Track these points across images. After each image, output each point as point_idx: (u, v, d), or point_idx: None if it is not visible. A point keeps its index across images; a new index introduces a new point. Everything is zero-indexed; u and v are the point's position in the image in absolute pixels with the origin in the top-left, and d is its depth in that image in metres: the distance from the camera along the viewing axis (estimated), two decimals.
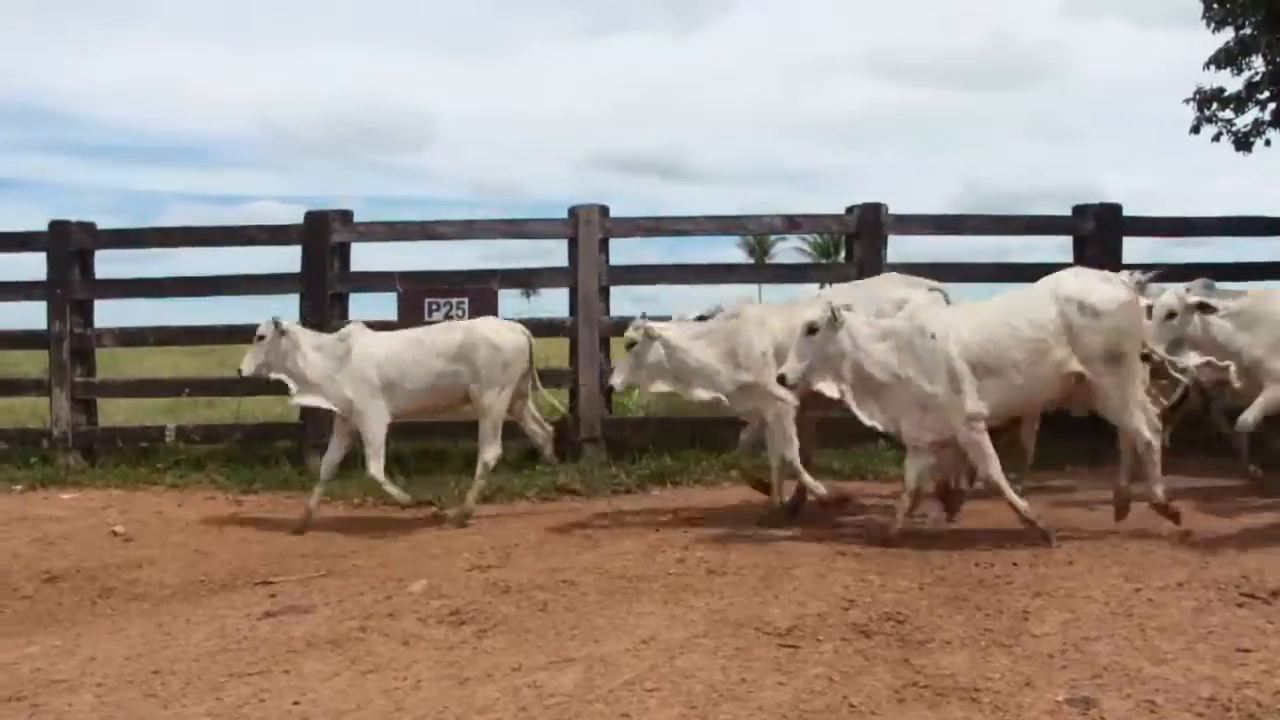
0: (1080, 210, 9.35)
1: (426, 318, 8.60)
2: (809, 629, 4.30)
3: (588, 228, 9.00)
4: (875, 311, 6.34)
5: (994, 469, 5.72)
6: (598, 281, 9.00)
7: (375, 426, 7.08)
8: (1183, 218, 9.98)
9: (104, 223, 9.71)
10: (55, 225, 9.49)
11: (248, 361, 7.23)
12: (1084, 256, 9.27)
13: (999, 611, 4.47)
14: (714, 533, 6.26)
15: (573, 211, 9.10)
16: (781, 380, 5.90)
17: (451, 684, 3.83)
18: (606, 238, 9.13)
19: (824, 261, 40.69)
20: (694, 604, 4.70)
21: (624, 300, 9.53)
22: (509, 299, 9.57)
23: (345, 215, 9.28)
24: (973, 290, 9.58)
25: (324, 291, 9.01)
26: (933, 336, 5.73)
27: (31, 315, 9.54)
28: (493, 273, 9.18)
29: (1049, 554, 5.39)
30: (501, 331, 7.24)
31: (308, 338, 7.29)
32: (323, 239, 9.10)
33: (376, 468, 7.09)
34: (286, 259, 9.54)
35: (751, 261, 39.96)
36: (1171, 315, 6.45)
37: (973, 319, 5.85)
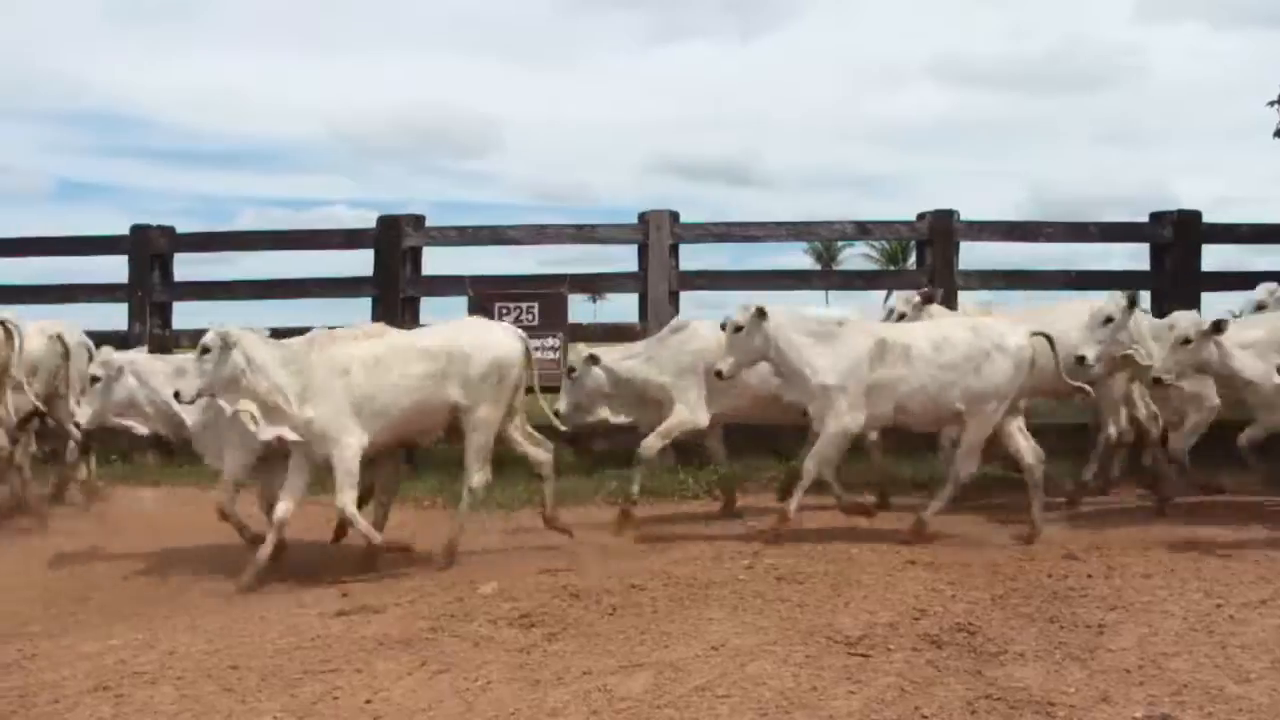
0: (1158, 217, 9.18)
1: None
2: (879, 638, 4.26)
3: (658, 233, 9.01)
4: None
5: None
6: (667, 287, 9.00)
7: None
8: (1266, 225, 9.75)
9: (179, 227, 9.94)
10: (137, 229, 9.72)
11: None
12: (1162, 265, 9.11)
13: (1074, 624, 4.40)
14: (783, 540, 6.24)
15: (643, 217, 9.12)
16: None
17: (522, 686, 3.85)
18: (676, 243, 9.14)
19: (893, 268, 40.38)
20: (763, 611, 4.69)
21: (692, 306, 9.53)
22: (576, 304, 9.61)
23: (417, 220, 9.40)
24: (1043, 298, 9.45)
25: (396, 295, 9.12)
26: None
27: (113, 317, 9.78)
28: (562, 277, 9.23)
29: (1125, 567, 5.30)
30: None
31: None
32: (395, 243, 9.22)
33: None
34: (357, 263, 9.66)
35: (820, 268, 39.79)
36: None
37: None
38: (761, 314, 6.15)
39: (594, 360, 7.03)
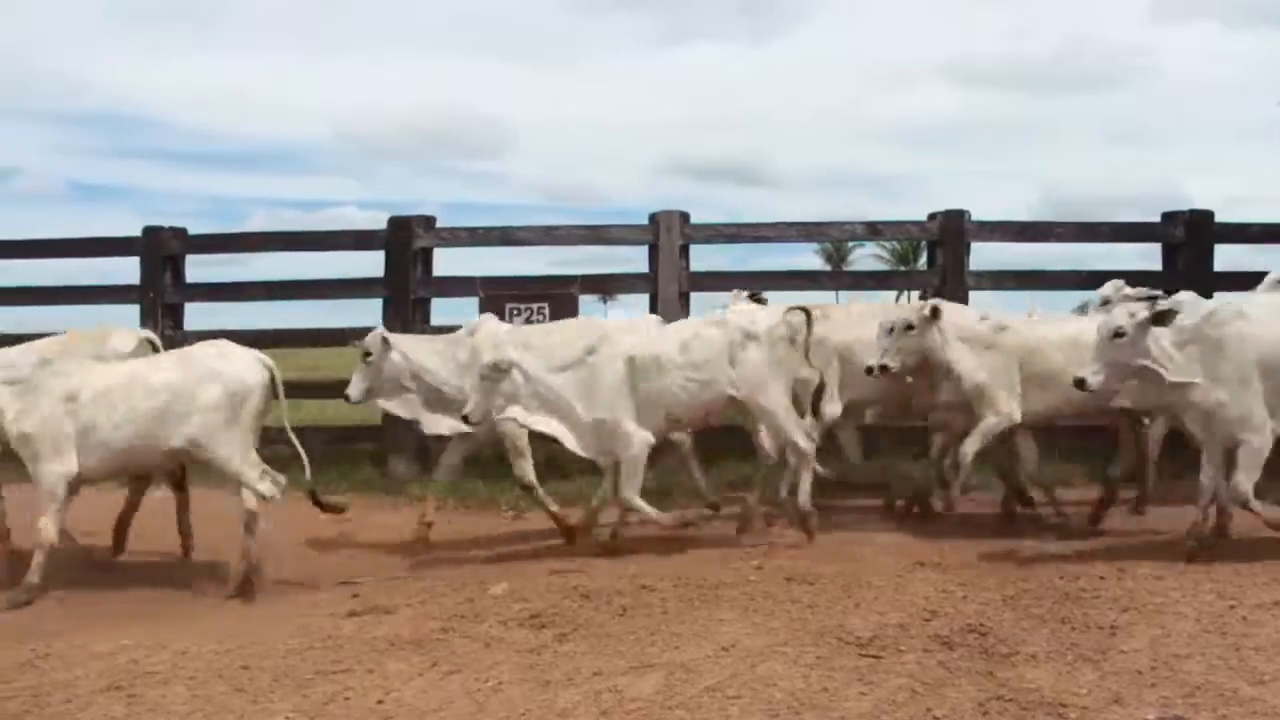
0: (1170, 217, 9.14)
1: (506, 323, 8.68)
2: (890, 639, 4.25)
3: (668, 234, 9.00)
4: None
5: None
6: (678, 288, 9.00)
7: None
8: (1278, 224, 9.69)
9: (191, 228, 9.96)
10: (149, 231, 9.73)
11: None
12: (1174, 265, 9.08)
13: (1085, 626, 4.38)
14: (792, 541, 6.24)
15: (653, 218, 9.12)
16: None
17: (533, 687, 3.85)
18: (687, 244, 9.13)
19: (903, 269, 40.34)
20: (774, 612, 4.68)
21: (702, 306, 9.52)
22: (587, 304, 9.61)
23: (428, 221, 9.41)
24: (1055, 299, 9.44)
25: (407, 296, 9.12)
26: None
27: (125, 318, 9.79)
28: (573, 278, 9.24)
29: (1136, 568, 5.27)
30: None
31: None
32: (406, 244, 9.23)
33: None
34: (368, 264, 9.69)
35: (830, 268, 39.79)
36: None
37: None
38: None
39: (388, 345, 6.80)
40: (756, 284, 9.38)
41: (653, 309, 9.02)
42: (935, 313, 6.45)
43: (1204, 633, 4.25)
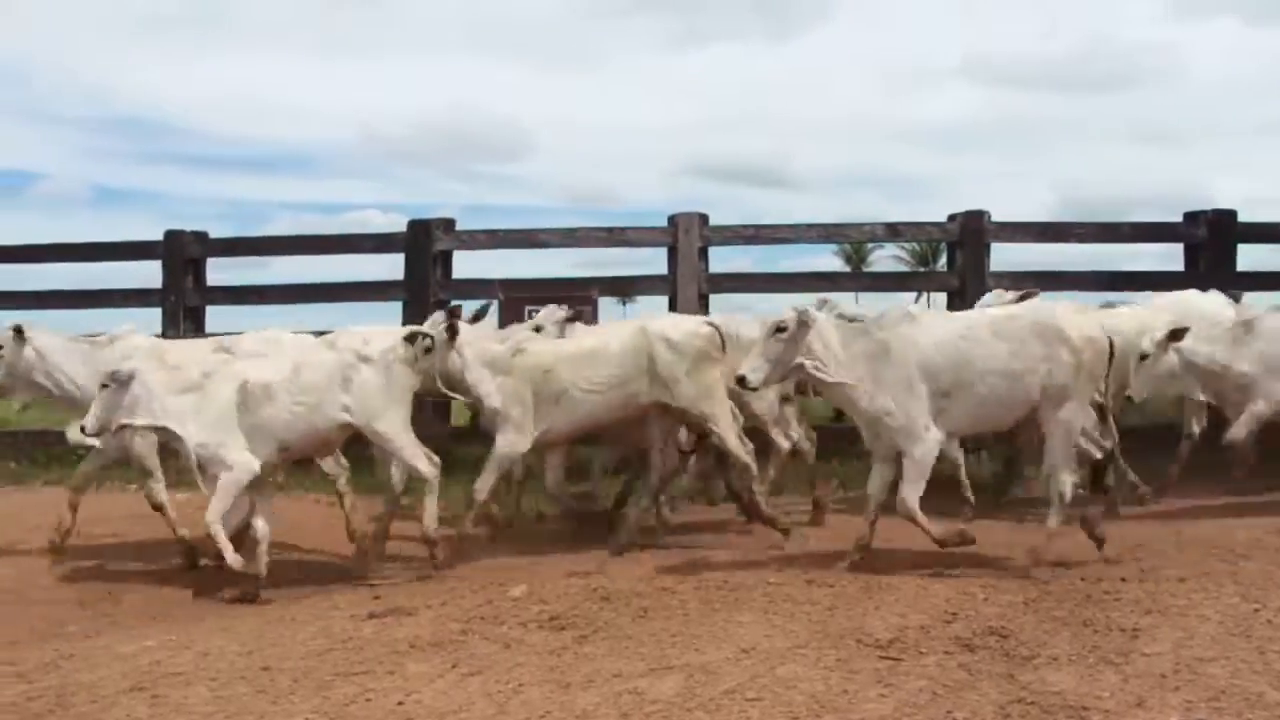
0: (1192, 217, 9.09)
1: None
2: (911, 641, 4.24)
3: (687, 236, 9.01)
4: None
5: None
6: (697, 290, 9.00)
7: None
8: None
9: (212, 232, 10.04)
10: (170, 235, 9.81)
11: None
12: (1196, 265, 9.02)
13: (1107, 628, 4.35)
14: (812, 543, 6.22)
15: (672, 220, 9.13)
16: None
17: (553, 688, 3.86)
18: (706, 246, 9.14)
19: (922, 270, 40.21)
20: (794, 614, 4.67)
21: (721, 308, 9.51)
22: (606, 306, 9.63)
23: (448, 223, 9.44)
24: (1076, 300, 9.37)
25: (427, 298, 9.15)
26: None
27: (147, 322, 9.86)
28: (593, 280, 9.25)
29: (1159, 570, 5.25)
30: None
31: None
32: (426, 247, 9.26)
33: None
34: (388, 266, 9.73)
35: (849, 269, 39.70)
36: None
37: None
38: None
39: (21, 337, 6.62)
40: (776, 286, 9.43)
41: (672, 310, 9.03)
42: (453, 333, 6.14)
43: (1228, 636, 4.21)
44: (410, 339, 6.07)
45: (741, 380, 5.44)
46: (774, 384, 5.63)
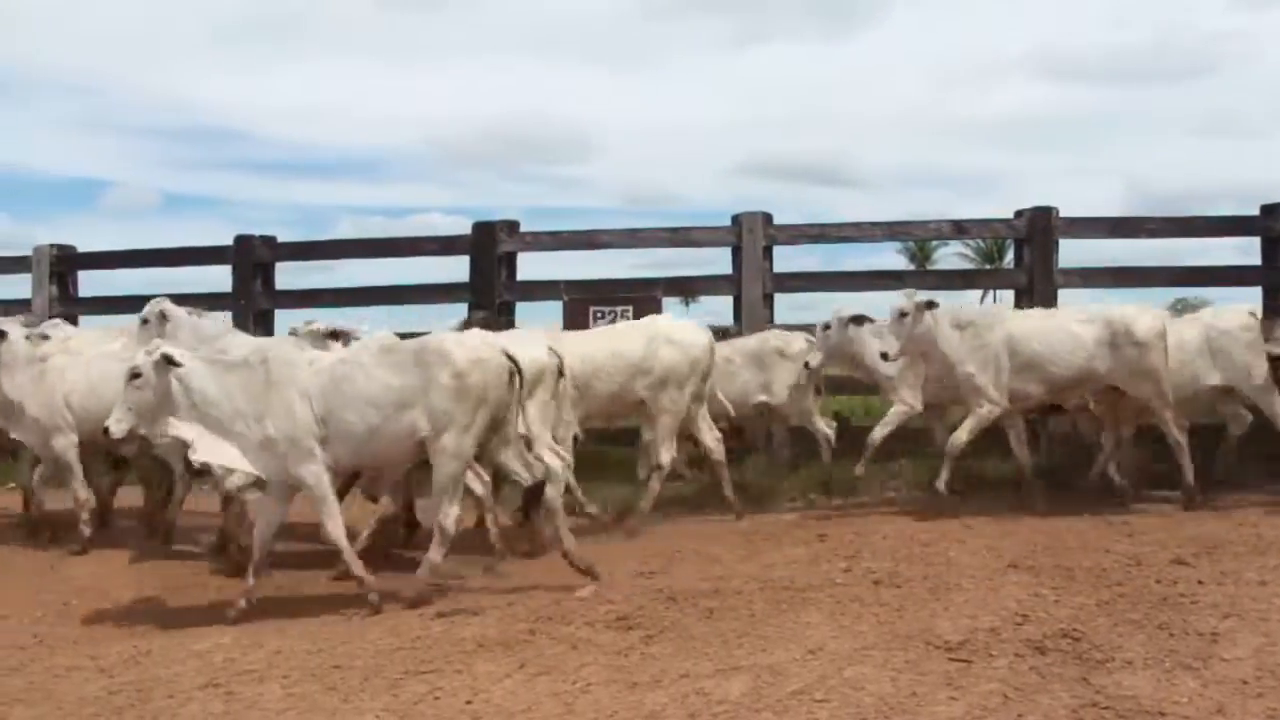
0: (1270, 210, 8.86)
1: (591, 326, 8.70)
2: (981, 643, 4.18)
3: (751, 235, 8.97)
4: None
5: None
6: (761, 289, 8.96)
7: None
8: None
9: (280, 236, 10.21)
10: (240, 240, 10.00)
11: None
12: (1273, 260, 8.80)
13: (1184, 632, 4.26)
14: (879, 543, 6.16)
15: (736, 219, 9.10)
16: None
17: (620, 688, 3.86)
18: (770, 245, 9.09)
19: (988, 267, 39.64)
20: (861, 615, 4.63)
21: (786, 308, 9.48)
22: (669, 307, 9.61)
23: (512, 226, 9.49)
24: (1147, 296, 9.19)
25: (492, 300, 9.21)
26: None
27: None
28: (657, 281, 9.26)
29: (1239, 573, 5.12)
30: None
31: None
32: (490, 249, 9.32)
33: None
34: (453, 269, 9.81)
35: (914, 267, 39.26)
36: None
37: None
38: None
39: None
40: (841, 285, 9.37)
41: (736, 311, 9.01)
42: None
43: None
44: None
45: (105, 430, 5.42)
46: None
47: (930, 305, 6.98)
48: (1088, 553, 5.67)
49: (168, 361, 5.25)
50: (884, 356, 7.11)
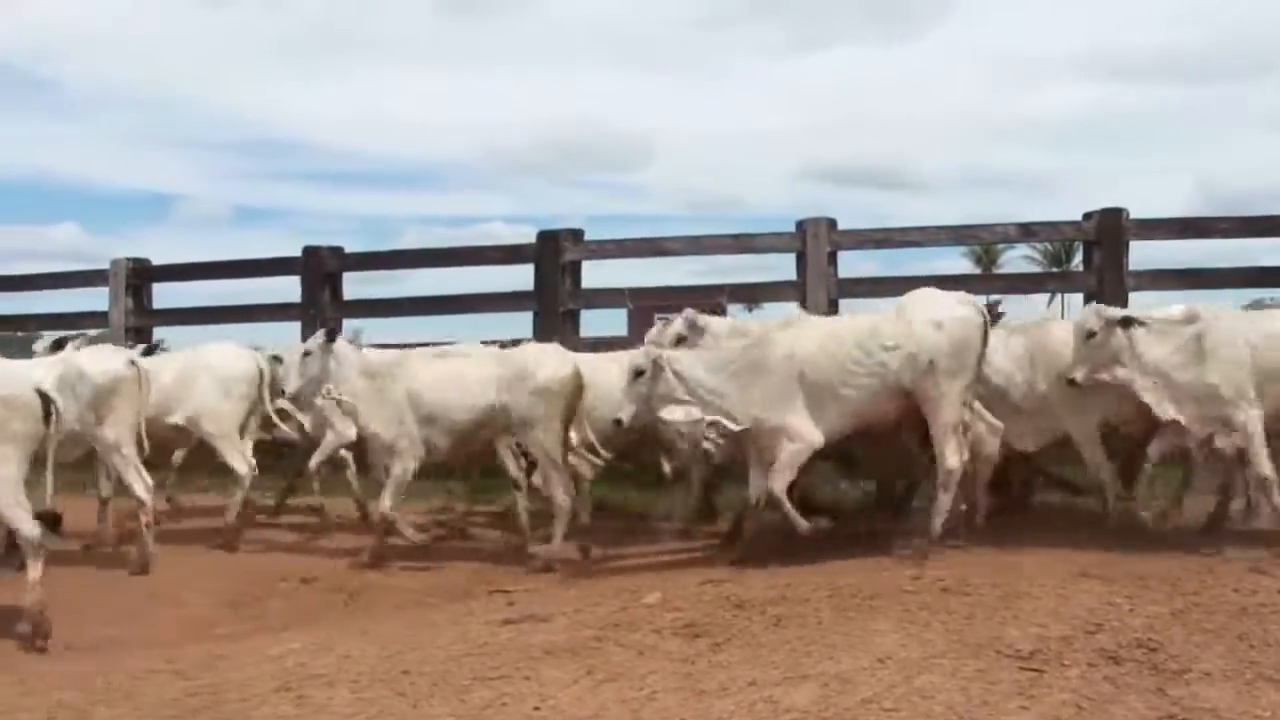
0: None
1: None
2: (1053, 652, 4.11)
3: (815, 241, 8.94)
4: None
5: None
6: (826, 295, 8.92)
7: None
8: None
9: (347, 247, 10.37)
10: (308, 250, 10.17)
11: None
12: None
13: (1265, 643, 4.15)
14: (947, 550, 6.09)
15: (800, 225, 9.07)
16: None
17: (687, 696, 3.86)
18: (835, 250, 9.04)
19: (1055, 270, 39.07)
20: (930, 623, 4.57)
21: (854, 312, 9.39)
22: (734, 314, 9.58)
23: (576, 234, 9.55)
24: (1219, 298, 9.00)
25: (557, 308, 9.27)
26: None
27: (287, 335, 10.22)
28: (721, 287, 9.25)
29: None
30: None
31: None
32: (555, 257, 9.38)
33: None
34: (518, 277, 9.89)
35: (979, 271, 38.79)
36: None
37: None
38: None
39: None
40: (907, 290, 9.27)
41: None
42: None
43: None
44: None
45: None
46: None
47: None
48: (1160, 560, 5.56)
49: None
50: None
